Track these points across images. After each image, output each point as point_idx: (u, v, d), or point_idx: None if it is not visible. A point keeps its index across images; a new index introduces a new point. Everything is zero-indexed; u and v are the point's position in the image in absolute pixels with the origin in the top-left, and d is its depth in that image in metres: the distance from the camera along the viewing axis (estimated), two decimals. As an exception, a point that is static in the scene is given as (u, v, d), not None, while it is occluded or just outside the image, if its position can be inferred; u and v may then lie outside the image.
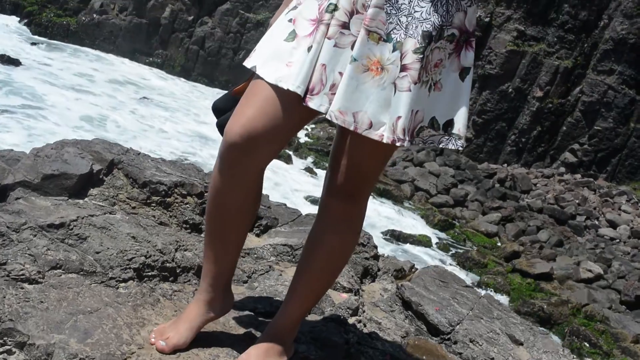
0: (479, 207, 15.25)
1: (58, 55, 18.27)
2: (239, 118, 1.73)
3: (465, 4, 1.71)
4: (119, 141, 10.07)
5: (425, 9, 1.67)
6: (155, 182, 2.45)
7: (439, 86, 1.74)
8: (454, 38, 1.71)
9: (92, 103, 14.62)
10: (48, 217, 2.07)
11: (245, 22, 18.98)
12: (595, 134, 17.18)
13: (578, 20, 17.19)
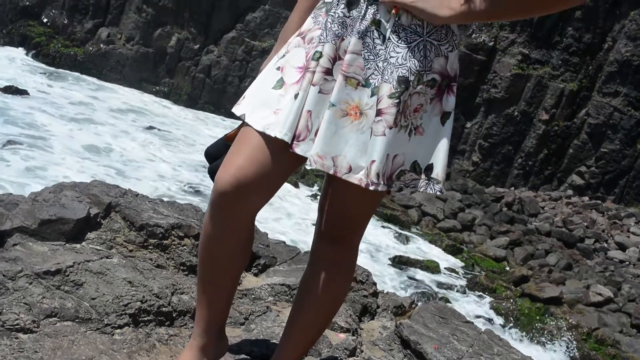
0: (487, 232, 15.20)
1: (64, 85, 18.42)
2: (229, 167, 1.75)
3: (446, 50, 1.73)
4: (124, 171, 10.12)
5: (401, 54, 1.69)
6: (152, 224, 2.46)
7: (420, 130, 1.75)
8: (435, 83, 1.73)
9: (97, 132, 14.71)
10: (44, 264, 2.09)
11: (251, 50, 19.11)
12: (602, 156, 17.15)
13: (582, 43, 17.23)
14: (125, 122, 16.44)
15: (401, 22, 1.70)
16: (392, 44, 1.69)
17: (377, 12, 1.71)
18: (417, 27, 1.70)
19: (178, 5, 19.90)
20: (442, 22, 1.70)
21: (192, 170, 13.93)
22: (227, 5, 19.70)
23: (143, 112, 17.91)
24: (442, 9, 1.67)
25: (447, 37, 1.73)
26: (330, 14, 1.75)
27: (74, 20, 21.17)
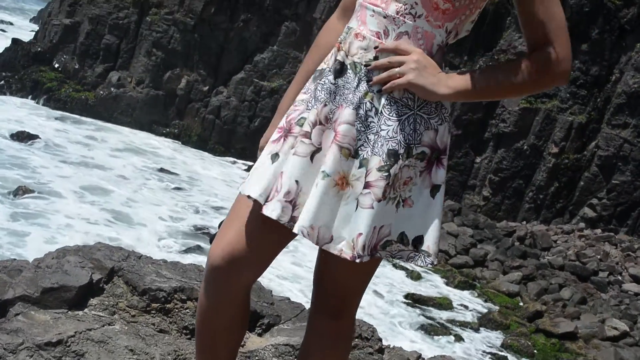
0: (500, 267, 15.12)
1: (75, 129, 18.62)
2: (221, 241, 1.77)
3: (436, 123, 1.74)
4: (132, 215, 10.12)
5: (391, 127, 1.70)
6: (154, 289, 2.47)
7: (409, 202, 1.75)
8: (425, 156, 1.74)
9: (106, 176, 14.80)
10: (46, 335, 2.10)
11: (260, 90, 19.26)
12: (613, 188, 17.08)
13: (589, 76, 17.26)
14: (134, 164, 16.54)
15: (393, 95, 1.72)
16: (383, 116, 1.71)
17: (368, 85, 1.73)
18: (408, 100, 1.73)
19: (187, 48, 20.12)
20: (438, 100, 1.73)
21: (197, 213, 13.94)
22: (235, 47, 19.90)
23: (152, 154, 18.03)
24: (439, 86, 1.70)
25: (437, 110, 1.75)
26: (320, 82, 1.78)
27: (85, 65, 21.44)
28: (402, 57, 1.70)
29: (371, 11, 1.74)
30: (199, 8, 19.91)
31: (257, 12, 19.67)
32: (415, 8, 1.71)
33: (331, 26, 1.99)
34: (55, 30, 22.39)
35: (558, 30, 1.68)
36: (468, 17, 1.78)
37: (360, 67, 1.74)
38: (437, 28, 1.74)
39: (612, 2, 16.96)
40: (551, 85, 1.72)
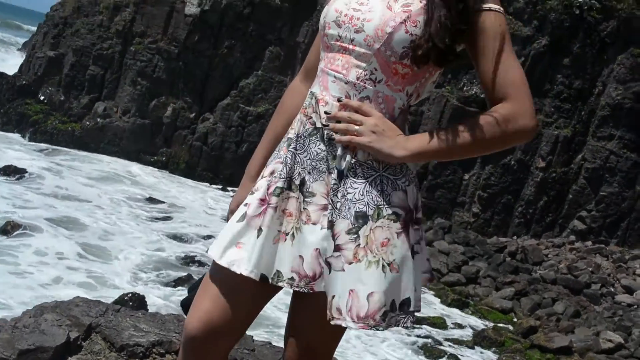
0: (492, 283, 15.12)
1: (62, 161, 18.58)
2: (197, 311, 1.78)
3: (403, 184, 1.76)
4: (120, 247, 10.04)
5: (358, 189, 1.72)
6: (132, 344, 2.47)
7: (395, 267, 1.74)
8: (399, 217, 1.75)
9: (92, 208, 14.76)
10: (22, 400, 2.09)
11: (246, 116, 19.31)
12: (601, 200, 17.16)
13: (573, 89, 17.39)
14: (122, 194, 16.50)
15: (358, 158, 1.75)
16: (349, 180, 1.74)
17: (334, 148, 1.76)
18: (373, 162, 1.75)
19: (172, 76, 20.17)
20: (397, 162, 1.74)
21: (187, 242, 13.89)
22: (220, 73, 19.97)
23: (139, 183, 18.00)
24: (397, 149, 1.72)
25: (403, 171, 1.77)
26: (290, 149, 1.81)
27: (71, 96, 21.43)
28: (363, 117, 1.73)
29: (332, 77, 1.78)
30: (183, 36, 19.99)
31: (240, 38, 19.76)
32: (375, 74, 1.74)
33: (295, 88, 2.03)
34: (39, 63, 22.40)
35: (515, 85, 1.70)
36: (428, 79, 1.81)
37: (323, 132, 1.77)
38: (398, 92, 1.77)
39: (592, 16, 17.13)
40: (512, 141, 1.72)
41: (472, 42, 1.74)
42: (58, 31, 22.84)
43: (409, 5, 1.74)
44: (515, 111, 1.68)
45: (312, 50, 2.02)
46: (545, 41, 17.44)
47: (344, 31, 1.78)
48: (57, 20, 23.05)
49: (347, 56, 1.78)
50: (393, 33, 1.72)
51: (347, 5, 1.79)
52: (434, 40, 1.69)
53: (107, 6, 21.64)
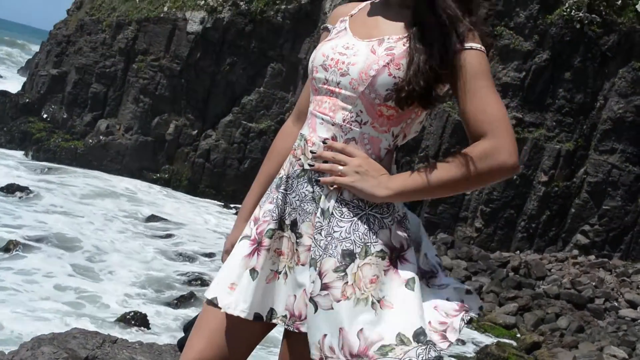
0: (495, 299, 15.08)
1: (65, 179, 18.62)
2: (191, 351, 1.80)
3: (389, 222, 1.77)
4: (122, 266, 10.04)
5: (344, 228, 1.74)
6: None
7: (386, 303, 1.74)
8: (385, 255, 1.76)
9: (98, 228, 14.77)
10: None
11: (249, 132, 19.36)
12: (604, 214, 17.13)
13: (574, 103, 17.41)
14: (124, 212, 16.52)
15: (343, 198, 1.77)
16: (335, 219, 1.76)
17: (320, 188, 1.78)
18: (359, 201, 1.77)
19: (174, 93, 20.25)
20: (380, 201, 1.76)
21: (190, 260, 13.87)
22: (222, 90, 20.04)
23: (142, 201, 18.01)
24: (379, 188, 1.74)
25: (389, 210, 1.78)
26: (280, 190, 1.84)
27: (73, 114, 21.54)
28: (347, 158, 1.76)
29: (320, 119, 1.81)
30: (185, 53, 20.08)
31: (242, 55, 19.84)
32: (360, 116, 1.78)
33: (287, 130, 2.08)
34: (42, 81, 22.53)
35: (495, 122, 1.70)
36: (415, 120, 1.83)
37: (311, 172, 1.80)
38: (384, 133, 1.79)
39: (592, 31, 17.17)
40: (492, 178, 1.72)
41: (453, 81, 1.76)
42: (61, 49, 22.99)
43: (392, 48, 1.77)
44: (494, 147, 1.69)
45: (303, 92, 2.06)
46: (546, 55, 17.48)
47: (331, 75, 1.82)
48: (60, 38, 23.21)
49: (334, 99, 1.81)
50: (376, 76, 1.75)
51: (333, 49, 1.84)
52: (415, 83, 1.71)
53: (109, 24, 21.77)
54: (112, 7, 22.46)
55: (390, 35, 1.81)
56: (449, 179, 1.73)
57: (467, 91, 1.72)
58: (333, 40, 1.89)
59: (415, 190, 1.74)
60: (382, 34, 1.83)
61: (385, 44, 1.79)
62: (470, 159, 1.71)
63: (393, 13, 1.87)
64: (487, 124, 1.70)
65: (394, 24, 1.84)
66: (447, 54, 1.73)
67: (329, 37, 1.96)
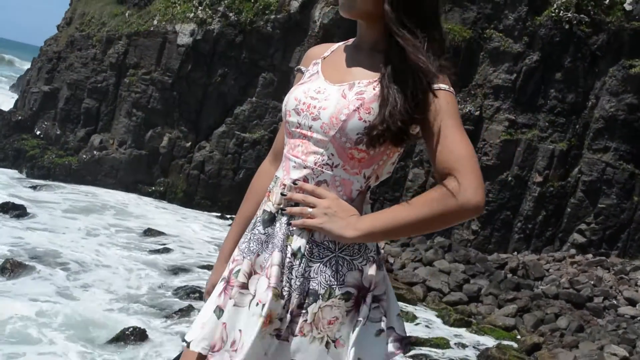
0: (494, 301, 15.08)
1: (59, 195, 18.61)
2: None
3: (360, 263, 1.83)
4: (119, 280, 9.99)
5: (312, 268, 1.80)
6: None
7: (340, 343, 1.80)
8: (351, 296, 1.82)
9: (93, 243, 14.76)
10: None
11: (242, 142, 19.36)
12: (600, 212, 17.16)
13: (566, 103, 17.46)
14: (119, 227, 16.50)
15: (314, 239, 1.81)
16: (305, 259, 1.81)
17: (292, 229, 1.82)
18: (329, 243, 1.82)
19: (167, 106, 20.26)
20: (348, 242, 1.80)
21: (187, 272, 13.85)
22: (214, 101, 20.06)
23: (137, 215, 17.99)
24: (347, 229, 1.78)
25: (361, 252, 1.83)
26: (253, 232, 1.89)
27: (67, 130, 21.53)
28: (316, 200, 1.79)
29: (294, 162, 1.87)
30: (176, 66, 20.10)
31: (233, 66, 19.87)
32: (332, 159, 1.82)
33: (264, 170, 2.15)
34: (34, 98, 22.53)
35: (461, 160, 1.73)
36: (386, 161, 1.87)
37: (283, 214, 1.84)
38: (355, 175, 1.84)
39: (581, 30, 17.23)
40: (460, 217, 1.75)
41: (422, 120, 1.78)
42: (52, 66, 23.01)
43: (363, 92, 1.81)
44: (459, 186, 1.72)
45: (279, 133, 2.13)
46: (536, 57, 17.54)
47: (303, 119, 1.87)
48: (51, 55, 23.23)
49: (306, 142, 1.86)
50: (347, 120, 1.80)
51: (305, 93, 1.89)
52: (388, 123, 1.73)
53: (99, 39, 21.80)
54: (102, 22, 22.49)
55: (360, 80, 1.86)
56: (417, 219, 1.75)
57: (435, 131, 1.76)
58: (305, 84, 1.93)
59: (383, 231, 1.77)
60: (353, 78, 1.87)
61: (355, 88, 1.83)
62: (435, 198, 1.74)
63: (364, 57, 1.90)
64: (453, 162, 1.73)
65: (365, 67, 1.88)
66: (418, 96, 1.76)
67: (302, 80, 2.00)
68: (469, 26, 18.02)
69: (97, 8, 23.29)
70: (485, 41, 17.99)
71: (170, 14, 20.63)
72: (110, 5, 22.92)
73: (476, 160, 1.76)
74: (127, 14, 21.81)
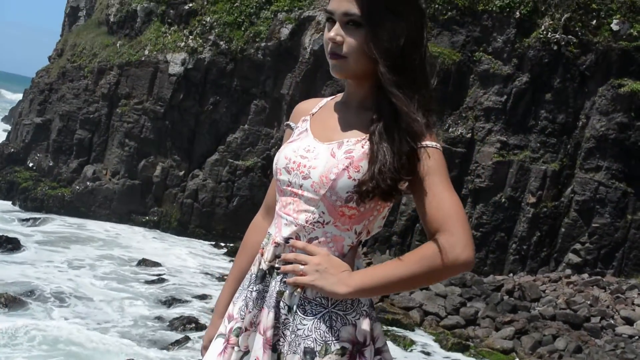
0: (491, 324, 15.05)
1: (53, 228, 18.55)
2: None
3: (353, 318, 1.85)
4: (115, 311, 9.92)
5: (307, 326, 1.82)
6: None
7: None
8: (346, 351, 1.83)
9: (87, 276, 14.70)
10: None
11: (235, 170, 19.37)
12: (594, 231, 17.19)
13: (557, 124, 17.55)
14: (113, 259, 16.43)
15: (306, 296, 1.84)
16: (298, 316, 1.83)
17: (283, 284, 1.85)
18: (322, 299, 1.84)
19: (159, 135, 20.29)
20: (341, 298, 1.82)
21: (183, 302, 13.77)
22: (207, 129, 20.10)
23: (130, 246, 17.90)
24: (339, 286, 1.80)
25: (354, 306, 1.86)
26: (248, 289, 1.92)
27: (59, 161, 21.52)
28: (307, 257, 1.82)
29: (285, 220, 1.89)
30: (168, 95, 20.15)
31: (225, 94, 19.93)
32: (323, 216, 1.85)
33: (257, 224, 2.18)
34: (27, 130, 22.55)
35: (449, 217, 1.76)
36: (377, 216, 1.90)
37: (276, 271, 1.87)
38: (346, 231, 1.87)
39: (570, 51, 17.37)
40: (450, 273, 1.77)
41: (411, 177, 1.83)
42: (44, 97, 23.06)
43: (352, 151, 1.85)
44: (448, 243, 1.75)
45: (270, 188, 2.15)
46: (526, 78, 17.66)
47: (293, 177, 1.89)
48: (43, 86, 23.29)
49: (297, 200, 1.89)
50: (336, 180, 1.82)
51: (295, 152, 1.91)
52: (377, 181, 1.77)
53: (91, 70, 21.86)
54: (93, 52, 22.55)
55: (349, 138, 1.89)
56: (408, 276, 1.78)
57: (423, 188, 1.79)
58: (295, 143, 1.96)
59: (374, 287, 1.80)
60: (342, 137, 1.90)
61: (344, 146, 1.86)
62: (425, 255, 1.77)
63: (352, 114, 1.94)
64: (442, 219, 1.77)
65: (353, 125, 1.91)
66: (408, 155, 1.80)
67: (291, 138, 2.03)
68: (459, 49, 18.14)
69: (89, 39, 23.37)
70: (474, 64, 18.11)
71: (161, 43, 20.71)
72: (102, 36, 23.00)
73: (464, 216, 1.79)
74: (119, 45, 21.89)
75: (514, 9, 17.83)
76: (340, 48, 1.86)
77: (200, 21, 20.39)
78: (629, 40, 17.20)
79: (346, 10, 1.84)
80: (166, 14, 21.09)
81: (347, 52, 1.85)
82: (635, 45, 17.16)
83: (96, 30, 23.62)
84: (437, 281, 1.84)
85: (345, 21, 1.86)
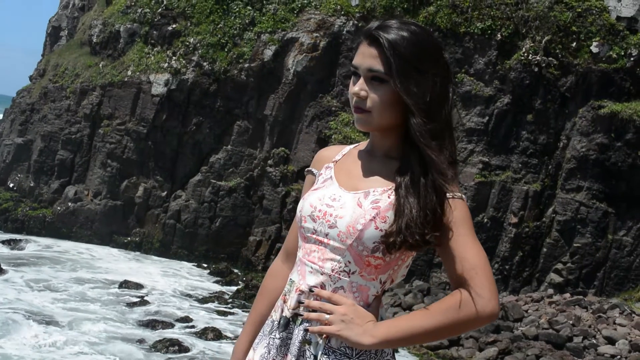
0: (475, 344, 15.06)
1: (35, 251, 18.40)
2: None
3: None
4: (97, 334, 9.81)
5: None
6: None
7: None
8: None
9: (68, 296, 14.57)
10: None
11: (218, 191, 19.32)
12: (576, 251, 17.29)
13: (538, 145, 17.69)
14: (95, 282, 16.29)
15: (331, 345, 1.84)
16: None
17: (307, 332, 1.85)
18: (346, 349, 1.85)
19: (142, 156, 20.21)
20: (365, 349, 1.83)
21: (168, 326, 13.66)
22: (189, 150, 20.06)
23: (111, 269, 17.73)
24: (365, 336, 1.81)
25: (377, 356, 1.86)
26: (271, 336, 1.91)
27: (40, 181, 21.39)
28: (333, 307, 1.82)
29: (310, 267, 1.89)
30: (151, 116, 20.11)
31: (208, 115, 19.92)
32: (349, 266, 1.85)
33: (276, 269, 2.16)
34: (7, 150, 22.42)
35: (475, 269, 1.77)
36: (401, 265, 1.91)
37: (299, 319, 1.87)
38: (372, 281, 1.88)
39: (550, 73, 17.55)
40: (475, 325, 1.79)
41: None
42: (25, 117, 22.94)
43: (378, 201, 1.86)
44: (473, 295, 1.77)
45: (291, 233, 2.14)
46: (507, 99, 17.81)
47: (319, 226, 1.90)
48: (24, 106, 23.18)
49: (322, 248, 1.90)
50: (363, 230, 1.84)
51: (320, 200, 1.92)
52: (405, 235, 1.79)
53: (73, 91, 21.79)
54: (76, 73, 22.49)
55: (375, 188, 1.90)
56: (432, 327, 1.80)
57: (449, 239, 1.81)
58: (320, 190, 1.97)
59: (399, 338, 1.82)
60: (368, 186, 1.92)
61: (371, 196, 1.88)
62: (451, 307, 1.80)
63: (377, 163, 1.96)
64: (467, 271, 1.78)
65: (379, 174, 1.93)
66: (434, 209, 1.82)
67: (315, 185, 2.03)
68: (440, 71, 18.25)
69: (71, 59, 23.31)
70: (456, 85, 18.25)
71: (144, 64, 20.70)
72: (84, 56, 22.95)
73: (489, 268, 1.82)
74: (101, 65, 21.85)
75: (495, 31, 18.02)
76: (365, 102, 1.88)
77: (183, 42, 20.41)
78: (609, 62, 17.42)
79: (370, 66, 1.87)
80: (149, 35, 21.10)
81: (371, 107, 1.88)
82: (614, 67, 17.38)
83: (79, 51, 23.57)
84: (462, 332, 1.87)
85: (369, 77, 1.88)
